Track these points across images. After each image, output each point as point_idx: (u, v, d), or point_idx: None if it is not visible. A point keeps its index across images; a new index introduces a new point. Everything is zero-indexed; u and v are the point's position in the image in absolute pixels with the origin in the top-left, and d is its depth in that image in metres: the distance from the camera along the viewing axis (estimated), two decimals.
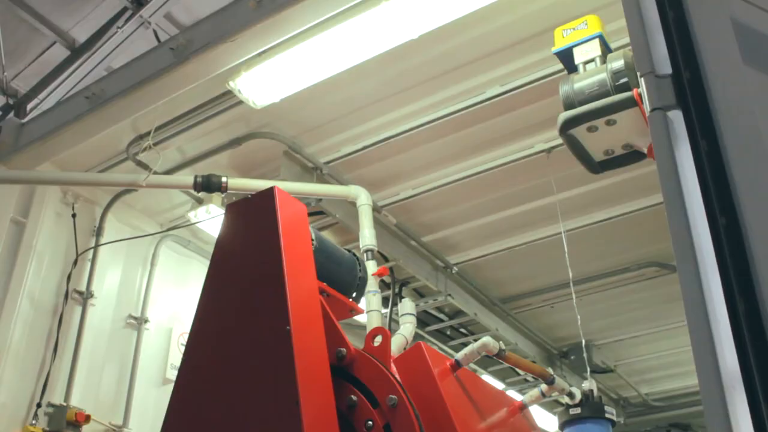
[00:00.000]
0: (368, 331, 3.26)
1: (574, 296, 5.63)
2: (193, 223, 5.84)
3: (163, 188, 5.44)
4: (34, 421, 4.75)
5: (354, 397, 2.95)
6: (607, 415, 4.05)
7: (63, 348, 5.10)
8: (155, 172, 5.03)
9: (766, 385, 1.69)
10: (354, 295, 3.56)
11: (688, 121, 1.96)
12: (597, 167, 2.82)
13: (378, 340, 3.12)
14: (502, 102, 4.97)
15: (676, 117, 1.98)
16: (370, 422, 2.88)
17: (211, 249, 3.37)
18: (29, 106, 5.20)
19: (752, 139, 1.95)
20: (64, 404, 4.94)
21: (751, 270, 1.82)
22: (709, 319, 1.85)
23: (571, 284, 5.57)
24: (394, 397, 2.87)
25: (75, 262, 5.35)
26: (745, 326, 1.79)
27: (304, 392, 2.69)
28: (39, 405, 4.82)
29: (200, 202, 5.70)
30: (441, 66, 4.78)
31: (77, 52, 5.40)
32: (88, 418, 4.96)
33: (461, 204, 5.99)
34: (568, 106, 2.68)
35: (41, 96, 5.21)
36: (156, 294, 5.90)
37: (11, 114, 5.05)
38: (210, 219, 5.69)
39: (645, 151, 2.66)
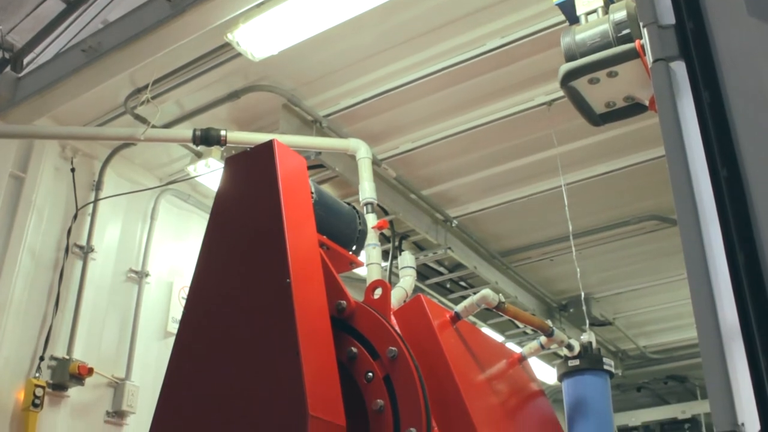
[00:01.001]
0: (368, 283, 3.27)
1: (573, 249, 5.64)
2: (193, 177, 5.82)
3: (162, 142, 5.42)
4: (37, 374, 4.79)
5: (354, 349, 2.97)
6: (605, 367, 4.09)
7: (64, 302, 5.13)
8: (154, 126, 5.01)
9: (764, 338, 1.70)
10: (354, 248, 3.56)
11: (691, 73, 1.94)
12: (598, 120, 2.80)
13: (378, 292, 3.13)
14: (502, 54, 4.92)
15: (679, 68, 1.96)
16: (370, 374, 2.90)
17: (210, 203, 3.36)
18: (25, 60, 5.14)
19: (755, 90, 1.93)
20: (67, 357, 4.98)
21: (752, 222, 1.82)
22: (708, 271, 1.84)
23: (571, 237, 5.58)
24: (394, 348, 2.88)
25: (75, 217, 5.35)
26: (744, 279, 1.80)
27: (304, 344, 2.71)
28: (42, 358, 4.86)
29: (199, 155, 5.68)
30: (441, 18, 4.73)
31: (73, 5, 5.33)
32: (90, 371, 5.01)
33: (461, 157, 5.97)
34: (570, 57, 2.66)
35: (37, 50, 5.15)
36: (156, 248, 5.92)
37: (7, 68, 4.99)
38: (209, 173, 5.68)
39: (646, 103, 2.64)
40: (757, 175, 1.81)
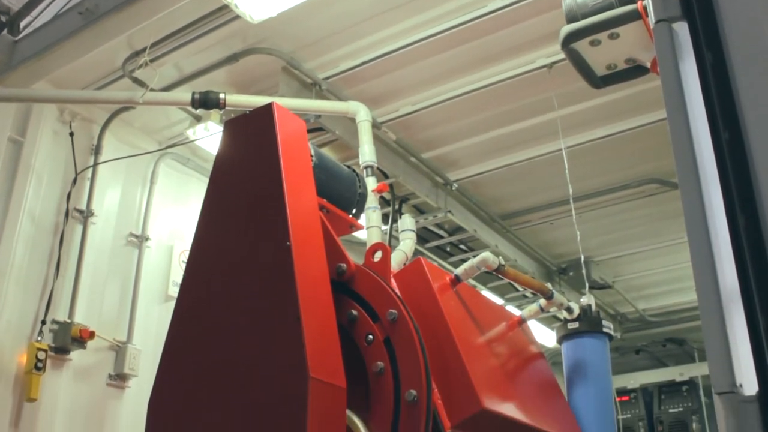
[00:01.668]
0: (368, 246, 3.27)
1: (573, 213, 5.64)
2: (192, 141, 5.81)
3: (161, 105, 5.40)
4: (39, 338, 4.82)
5: (354, 312, 2.98)
6: (604, 330, 4.10)
7: (65, 266, 5.14)
8: (152, 90, 4.98)
9: (764, 301, 1.70)
10: (354, 211, 3.56)
11: (694, 34, 1.92)
12: (599, 82, 2.78)
13: (378, 255, 3.13)
14: (503, 16, 4.88)
15: (682, 29, 1.93)
16: (371, 336, 2.92)
17: (210, 166, 3.35)
18: (22, 24, 5.09)
19: (758, 52, 1.91)
20: (68, 321, 5.00)
21: (753, 185, 1.81)
22: (709, 234, 1.84)
23: (571, 201, 5.58)
24: (394, 311, 2.90)
25: (74, 181, 5.34)
26: (745, 242, 1.79)
27: (304, 307, 2.72)
28: (44, 322, 4.88)
29: (198, 119, 5.66)
30: None
31: None
32: (92, 335, 5.04)
33: (461, 120, 5.94)
34: (571, 19, 2.63)
35: (34, 13, 5.10)
36: (156, 212, 5.92)
37: (4, 31, 4.95)
38: (209, 136, 5.66)
39: (648, 65, 2.62)
40: (759, 138, 1.80)
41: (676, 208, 6.85)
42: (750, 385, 1.68)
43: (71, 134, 5.40)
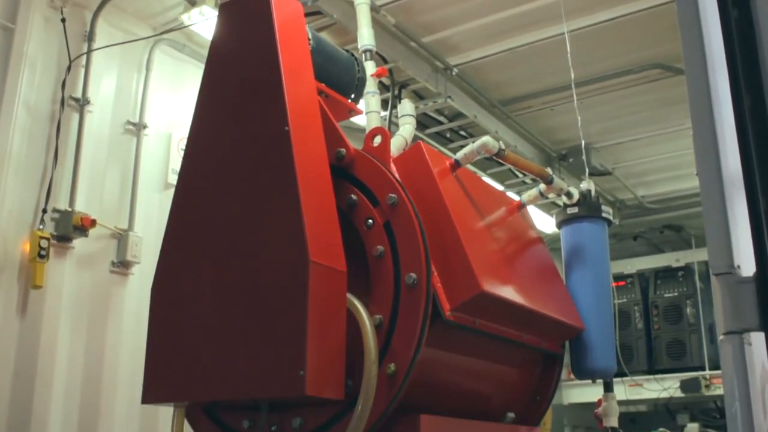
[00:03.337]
0: (367, 131, 3.25)
1: (575, 98, 5.57)
2: (187, 26, 5.68)
3: None
4: (41, 226, 4.84)
5: (354, 197, 2.99)
6: (603, 215, 4.12)
7: (63, 155, 5.11)
8: None
9: (766, 186, 1.70)
10: (353, 96, 3.52)
11: None
12: None
13: (377, 140, 3.11)
14: None
15: None
16: (370, 221, 2.93)
17: (206, 53, 3.29)
18: None
19: None
20: (69, 210, 5.01)
21: (760, 65, 1.78)
22: (713, 117, 1.82)
23: (573, 86, 5.51)
24: (393, 195, 2.90)
25: (69, 69, 5.25)
26: (749, 122, 1.77)
27: (304, 191, 2.72)
28: (45, 211, 4.89)
29: (193, 3, 5.51)
30: None
31: None
32: (93, 223, 5.06)
33: (462, 3, 5.79)
34: None
35: None
36: (153, 99, 5.85)
37: None
38: (204, 21, 5.53)
39: None
40: None
41: (678, 94, 6.77)
42: (747, 267, 1.69)
43: (63, 20, 5.27)
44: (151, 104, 5.81)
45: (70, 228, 4.95)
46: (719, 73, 1.84)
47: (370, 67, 3.80)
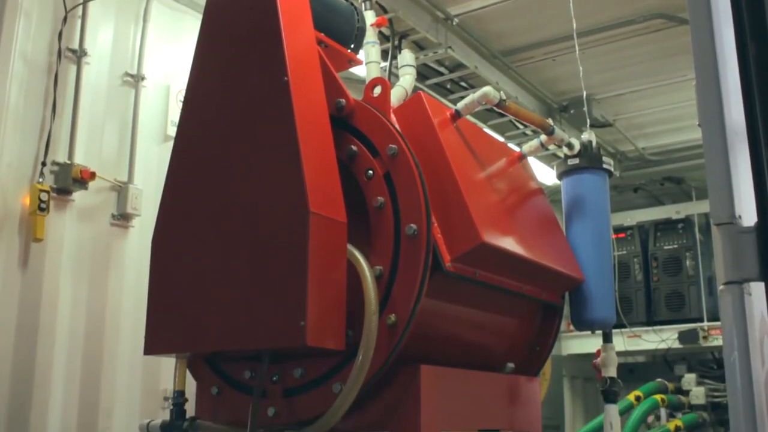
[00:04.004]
0: (367, 82, 3.22)
1: (577, 48, 5.52)
2: None
3: None
4: (40, 179, 4.82)
5: (354, 147, 2.97)
6: (604, 166, 4.11)
7: (62, 107, 5.07)
8: None
9: None
10: (352, 46, 3.48)
11: None
12: None
13: (377, 90, 3.09)
14: None
15: None
16: (371, 171, 2.92)
17: (204, 3, 3.25)
18: None
19: None
20: (68, 162, 4.99)
21: (767, 11, 1.75)
22: (717, 66, 1.80)
23: (575, 36, 5.45)
24: (393, 146, 2.88)
25: (65, 20, 5.18)
26: (754, 71, 1.75)
27: (304, 142, 2.70)
28: (44, 164, 4.87)
29: None
30: None
31: None
32: (93, 175, 5.04)
33: None
34: None
35: None
36: (151, 51, 5.78)
37: None
38: None
39: None
40: None
41: (680, 45, 6.70)
42: (749, 217, 1.68)
43: None
44: (149, 55, 5.75)
45: (69, 181, 4.93)
46: (724, 21, 1.82)
47: (369, 17, 3.76)
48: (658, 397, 8.06)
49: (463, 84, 7.40)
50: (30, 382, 4.61)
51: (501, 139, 8.00)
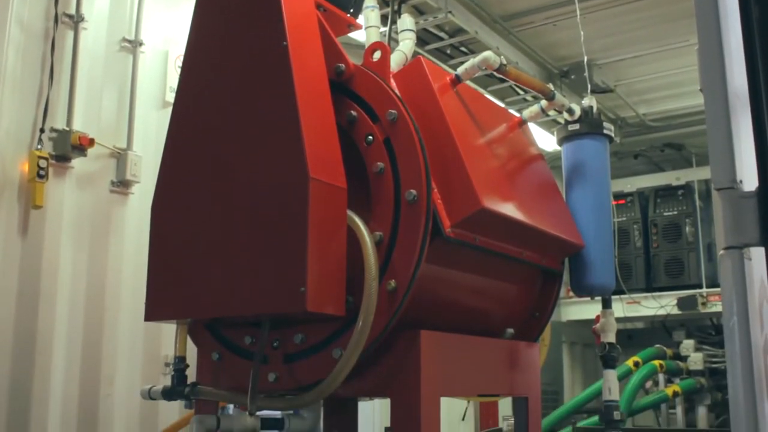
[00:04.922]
0: (367, 46, 3.20)
1: (578, 13, 5.48)
2: None
3: None
4: (39, 146, 4.81)
5: (354, 113, 2.95)
6: (605, 131, 4.09)
7: (59, 73, 5.04)
8: None
9: None
10: (352, 10, 3.45)
11: None
12: None
13: (377, 55, 3.06)
14: None
15: None
16: (370, 137, 2.90)
17: None
18: None
19: None
20: (67, 129, 4.97)
21: None
22: (720, 30, 1.78)
23: (576, 0, 5.41)
24: (393, 111, 2.86)
25: None
26: (757, 35, 1.74)
27: (303, 107, 2.69)
28: (42, 130, 4.85)
29: None
30: None
31: None
32: (92, 142, 5.02)
33: None
34: None
35: None
36: (148, 17, 5.73)
37: None
38: None
39: None
40: None
41: (682, 9, 6.66)
42: (750, 182, 1.68)
43: None
44: (147, 21, 5.71)
45: (68, 147, 4.92)
46: None
47: None
48: (656, 362, 8.12)
49: (463, 49, 7.36)
50: (32, 349, 4.64)
51: (501, 104, 7.96)
